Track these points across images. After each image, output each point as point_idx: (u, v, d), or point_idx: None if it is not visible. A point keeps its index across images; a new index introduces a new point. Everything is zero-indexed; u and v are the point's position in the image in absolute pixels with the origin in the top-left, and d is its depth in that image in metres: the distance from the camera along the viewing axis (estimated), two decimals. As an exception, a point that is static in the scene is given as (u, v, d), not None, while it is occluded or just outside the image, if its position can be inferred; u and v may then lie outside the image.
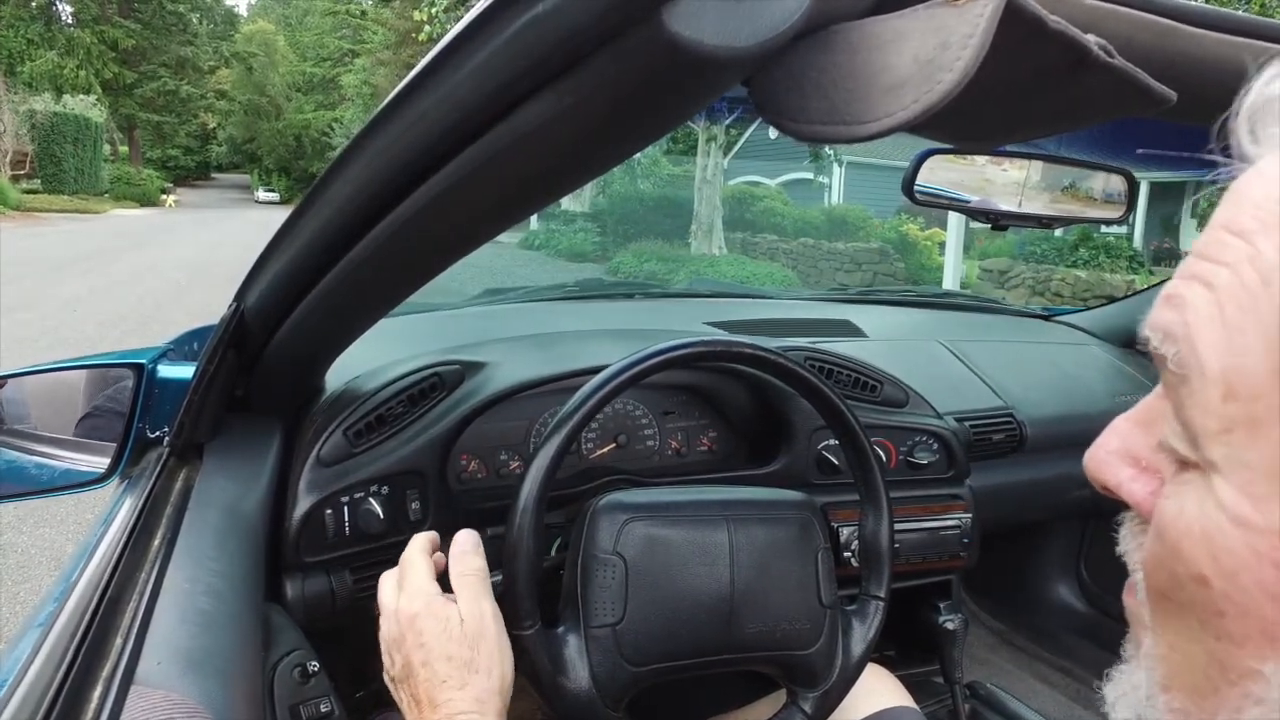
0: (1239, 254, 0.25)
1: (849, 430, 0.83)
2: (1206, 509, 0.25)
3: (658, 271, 11.63)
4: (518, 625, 0.69)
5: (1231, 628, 0.25)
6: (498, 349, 1.02)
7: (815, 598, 0.78)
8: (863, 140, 0.42)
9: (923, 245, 12.80)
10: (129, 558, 0.61)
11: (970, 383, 1.35)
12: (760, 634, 0.75)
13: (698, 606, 0.74)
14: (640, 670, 0.72)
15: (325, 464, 0.84)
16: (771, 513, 0.80)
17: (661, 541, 0.74)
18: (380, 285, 0.63)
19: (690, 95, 0.38)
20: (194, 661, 0.52)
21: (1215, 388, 0.25)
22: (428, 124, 0.44)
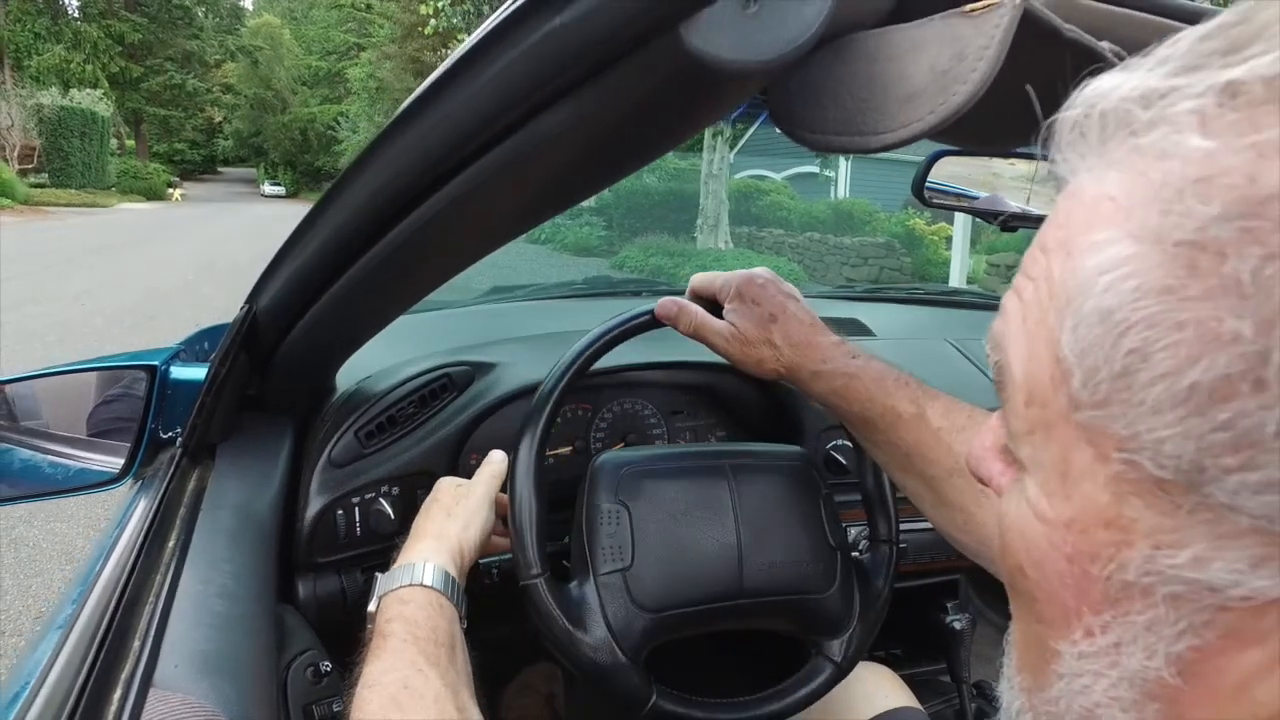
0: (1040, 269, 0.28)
1: None
2: (1021, 505, 0.28)
3: (664, 266, 11.62)
4: (525, 575, 0.70)
5: (1043, 612, 0.28)
6: (507, 349, 1.03)
7: (823, 540, 0.78)
8: (878, 151, 0.42)
9: (929, 240, 12.76)
10: (145, 560, 0.62)
11: (978, 381, 1.35)
12: (771, 576, 0.75)
13: (705, 550, 0.74)
14: (655, 615, 0.72)
15: (337, 465, 0.85)
16: (770, 461, 0.81)
17: (663, 490, 0.75)
18: (395, 288, 0.64)
19: (708, 106, 0.39)
20: (210, 664, 0.52)
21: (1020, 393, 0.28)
22: (446, 130, 0.44)
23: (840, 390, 0.71)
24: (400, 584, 0.64)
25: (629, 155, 0.44)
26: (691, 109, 0.39)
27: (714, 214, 12.86)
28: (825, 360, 0.72)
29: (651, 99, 0.37)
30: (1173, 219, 0.23)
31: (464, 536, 0.71)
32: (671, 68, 0.34)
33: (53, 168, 23.79)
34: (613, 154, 0.43)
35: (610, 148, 0.42)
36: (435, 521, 0.72)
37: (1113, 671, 0.26)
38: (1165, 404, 0.23)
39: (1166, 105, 0.25)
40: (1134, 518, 0.25)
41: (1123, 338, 0.24)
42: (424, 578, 0.64)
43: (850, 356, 0.72)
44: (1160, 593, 0.25)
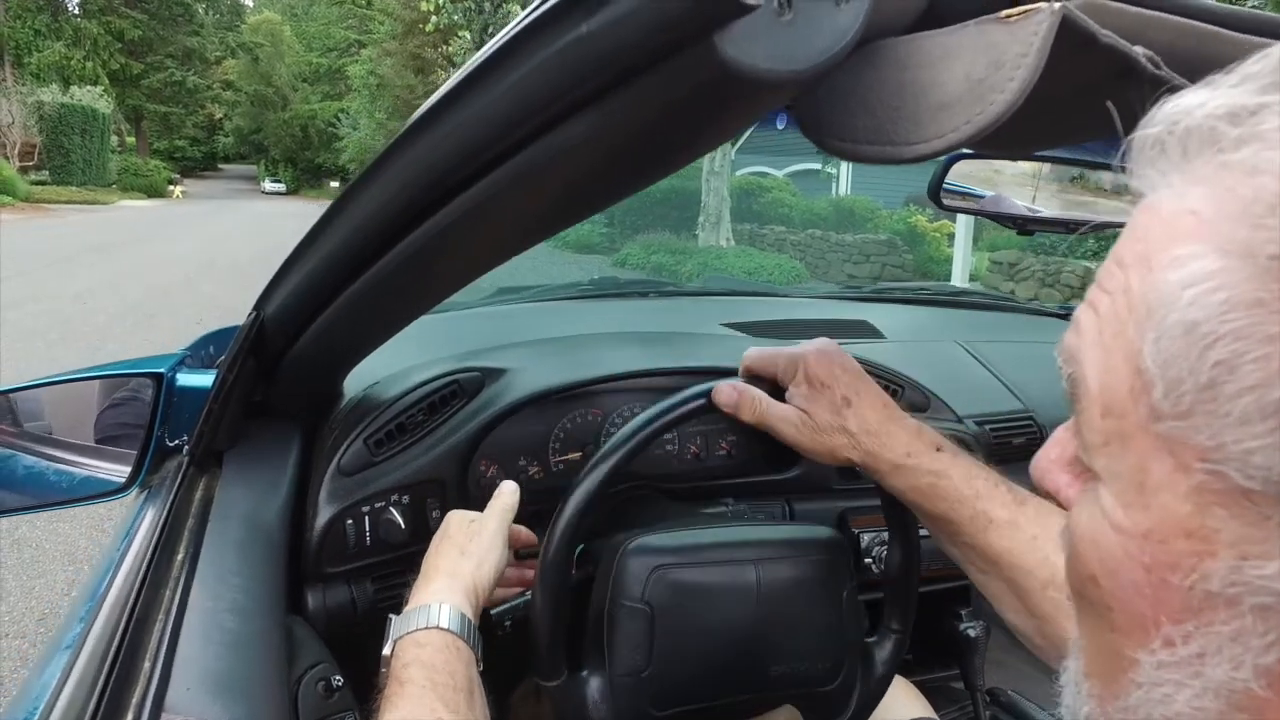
0: (1117, 282, 0.28)
1: None
2: (1095, 515, 0.29)
3: (665, 263, 11.61)
4: (545, 676, 0.69)
5: (1118, 621, 0.29)
6: (517, 354, 1.01)
7: (840, 638, 0.77)
8: (912, 162, 0.41)
9: (931, 237, 12.74)
10: (153, 575, 0.61)
11: (989, 385, 1.34)
12: (784, 675, 0.75)
13: (723, 650, 0.73)
14: (664, 714, 0.72)
15: (346, 473, 0.84)
16: (800, 552, 0.78)
17: (689, 588, 0.73)
18: (407, 296, 0.63)
19: (736, 115, 0.37)
20: (223, 684, 0.51)
21: (1096, 405, 0.28)
22: (463, 138, 0.43)
23: (925, 489, 0.66)
24: (416, 627, 0.63)
25: (649, 167, 0.42)
26: (717, 119, 0.38)
27: (715, 211, 12.84)
28: (909, 454, 0.67)
29: (676, 109, 0.36)
30: (1264, 234, 0.23)
31: (478, 575, 0.70)
32: (701, 77, 0.33)
33: (53, 165, 23.78)
34: (633, 165, 0.42)
35: (631, 159, 0.41)
36: (448, 559, 0.70)
37: (1196, 682, 0.26)
38: (1254, 415, 0.23)
39: (1257, 122, 0.25)
40: (1217, 528, 0.25)
41: (1209, 350, 0.24)
42: (440, 620, 0.63)
43: (934, 449, 0.67)
44: (1247, 603, 0.25)
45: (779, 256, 12.33)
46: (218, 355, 1.06)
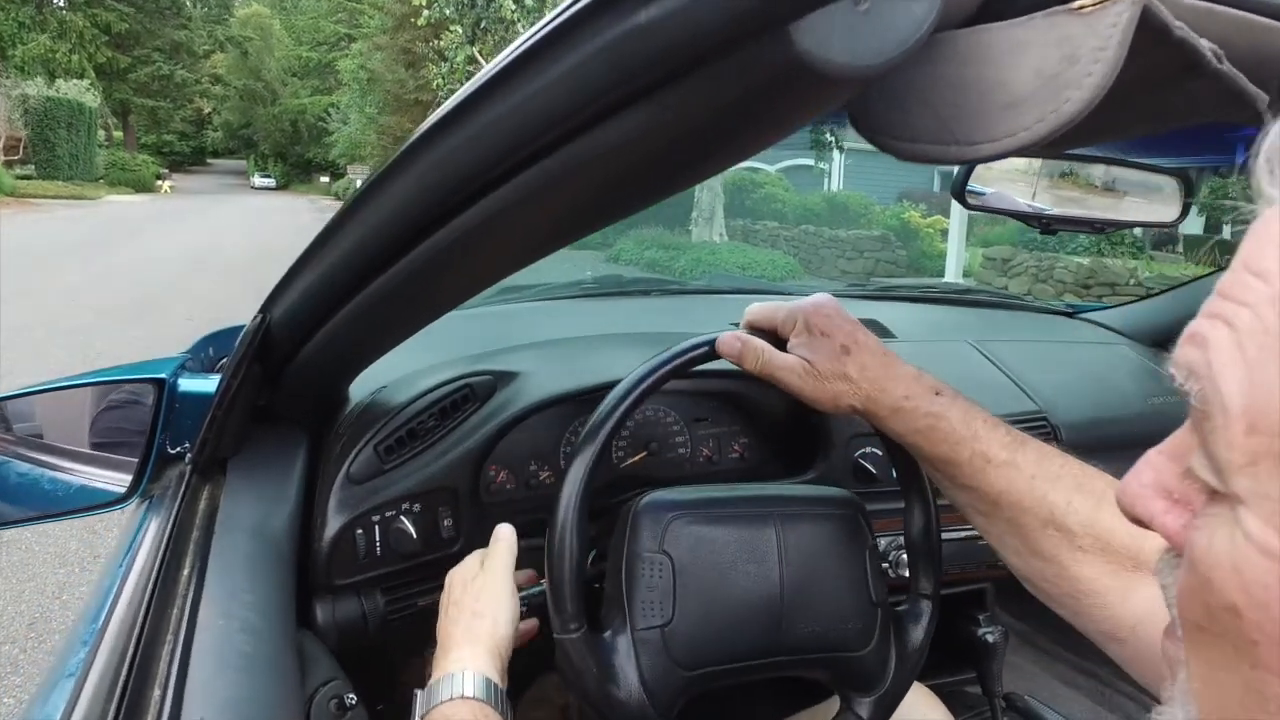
0: (1260, 295, 0.26)
1: None
2: (1235, 540, 0.26)
3: (659, 259, 11.58)
4: (563, 629, 0.66)
5: (1265, 656, 0.26)
6: (529, 357, 0.99)
7: (866, 597, 0.75)
8: (980, 162, 0.39)
9: (925, 232, 12.75)
10: (160, 593, 0.58)
11: (1002, 385, 1.32)
12: (812, 634, 0.73)
13: (747, 606, 0.71)
14: (691, 674, 0.69)
15: (355, 481, 0.81)
16: (818, 509, 0.77)
17: (708, 539, 0.72)
18: (424, 300, 0.60)
19: (797, 112, 0.35)
20: (239, 713, 0.49)
21: (1238, 423, 0.25)
22: (495, 137, 0.40)
23: (924, 430, 0.66)
24: (442, 699, 0.61)
25: (701, 163, 0.40)
26: (777, 117, 0.36)
27: (709, 207, 12.83)
28: (907, 396, 0.67)
29: (739, 104, 0.34)
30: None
31: (496, 634, 0.68)
32: (769, 71, 0.31)
33: (39, 159, 23.53)
34: (673, 167, 0.39)
35: (673, 160, 0.39)
36: (462, 625, 0.68)
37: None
38: None
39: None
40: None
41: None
42: (466, 688, 0.61)
43: (934, 393, 0.67)
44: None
45: (773, 252, 12.32)
46: (218, 357, 1.03)
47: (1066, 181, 0.96)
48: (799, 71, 0.29)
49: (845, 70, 0.30)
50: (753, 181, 15.22)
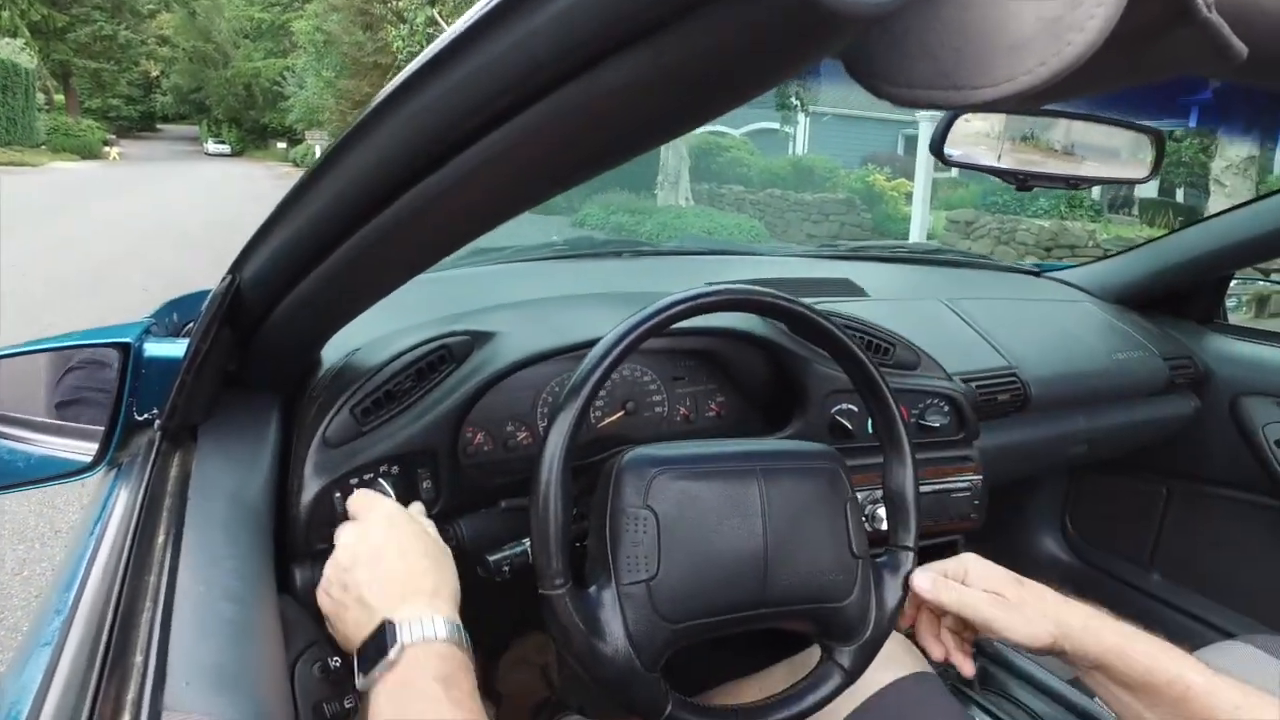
0: None
1: (869, 379, 0.81)
2: None
3: (625, 224, 11.50)
4: (548, 585, 0.66)
5: None
6: (503, 317, 0.97)
7: (847, 548, 0.76)
8: (978, 107, 0.38)
9: (889, 196, 12.82)
10: (135, 560, 0.57)
11: (974, 342, 1.34)
12: (794, 586, 0.74)
13: (732, 559, 0.72)
14: (677, 627, 0.70)
15: (332, 445, 0.79)
16: (800, 463, 0.78)
17: (692, 494, 0.72)
18: (402, 258, 0.58)
19: (800, 54, 0.34)
20: (225, 678, 0.48)
21: None
22: (481, 84, 0.38)
23: (1116, 648, 0.69)
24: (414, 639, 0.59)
25: (691, 112, 0.39)
26: (777, 60, 0.34)
27: (674, 171, 12.74)
28: (1091, 614, 0.72)
29: (739, 49, 0.33)
30: None
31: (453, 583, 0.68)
32: (773, 11, 0.30)
33: (-28, 123, 22.57)
34: (675, 110, 0.38)
35: (674, 102, 0.37)
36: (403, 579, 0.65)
37: None
38: None
39: None
40: None
41: None
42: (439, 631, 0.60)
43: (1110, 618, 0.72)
44: None
45: (738, 216, 12.31)
46: (184, 323, 1.00)
47: (1028, 145, 0.98)
48: (807, 10, 0.28)
49: (857, 10, 0.29)
50: (718, 145, 15.14)
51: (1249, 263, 1.54)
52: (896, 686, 0.86)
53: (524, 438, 0.99)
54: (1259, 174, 8.54)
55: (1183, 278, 1.58)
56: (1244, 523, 1.55)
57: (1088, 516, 1.82)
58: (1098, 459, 1.60)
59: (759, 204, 13.19)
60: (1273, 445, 1.47)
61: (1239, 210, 1.48)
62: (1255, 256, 1.51)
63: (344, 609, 0.65)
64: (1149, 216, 12.11)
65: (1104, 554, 1.78)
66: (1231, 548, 1.57)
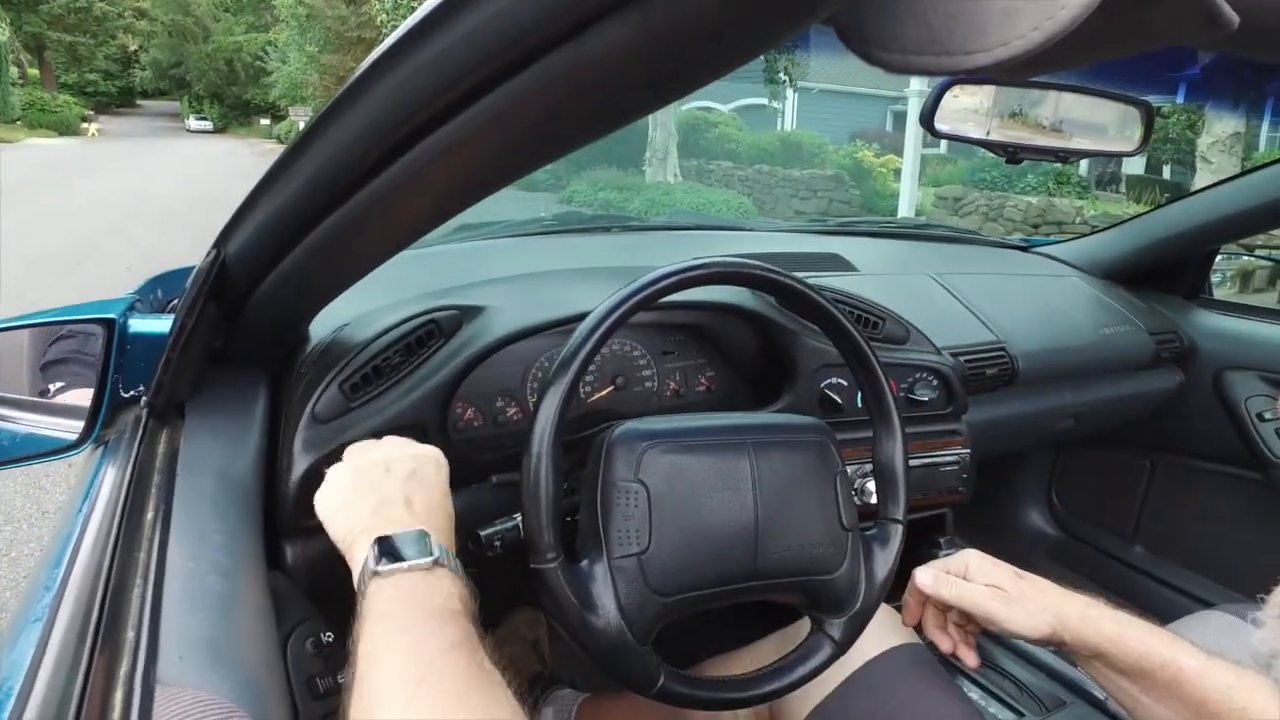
0: None
1: (859, 353, 0.82)
2: None
3: (613, 200, 11.44)
4: (539, 559, 0.67)
5: None
6: (493, 292, 0.97)
7: (837, 521, 0.77)
8: (970, 73, 0.38)
9: (877, 172, 12.80)
10: (124, 537, 0.56)
11: (963, 317, 1.34)
12: (784, 559, 0.74)
13: (723, 532, 0.72)
14: (668, 600, 0.70)
15: (321, 421, 0.79)
16: (790, 436, 0.79)
17: (683, 468, 0.72)
18: (386, 233, 0.58)
19: (794, 16, 0.34)
20: (217, 653, 0.48)
21: None
22: (465, 53, 0.38)
23: (1113, 636, 0.71)
24: (412, 561, 0.57)
25: (678, 80, 0.38)
26: (770, 24, 0.34)
27: (662, 147, 12.66)
28: (1089, 604, 0.74)
29: (727, 12, 0.32)
30: None
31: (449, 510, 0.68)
32: None
33: (-57, 97, 22.12)
34: (663, 77, 0.38)
35: (661, 69, 0.37)
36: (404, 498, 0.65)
37: None
38: None
39: None
40: None
41: None
42: (437, 553, 0.59)
43: (1107, 607, 0.74)
44: None
45: (727, 193, 12.25)
46: (168, 299, 0.99)
47: (1016, 121, 0.97)
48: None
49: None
50: (706, 121, 15.04)
51: (1233, 238, 1.55)
52: (886, 657, 0.88)
53: (514, 413, 0.99)
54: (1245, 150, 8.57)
55: (1168, 253, 1.59)
56: (1225, 496, 1.57)
57: (1074, 490, 1.84)
58: (1084, 433, 1.61)
59: (747, 180, 13.14)
60: (1254, 419, 1.49)
61: (1224, 186, 1.48)
62: (1240, 232, 1.52)
63: (374, 497, 0.64)
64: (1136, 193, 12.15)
65: (1089, 527, 1.80)
66: (1212, 520, 1.60)
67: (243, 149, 25.72)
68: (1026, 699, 0.96)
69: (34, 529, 2.63)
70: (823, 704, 0.85)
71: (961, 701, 0.84)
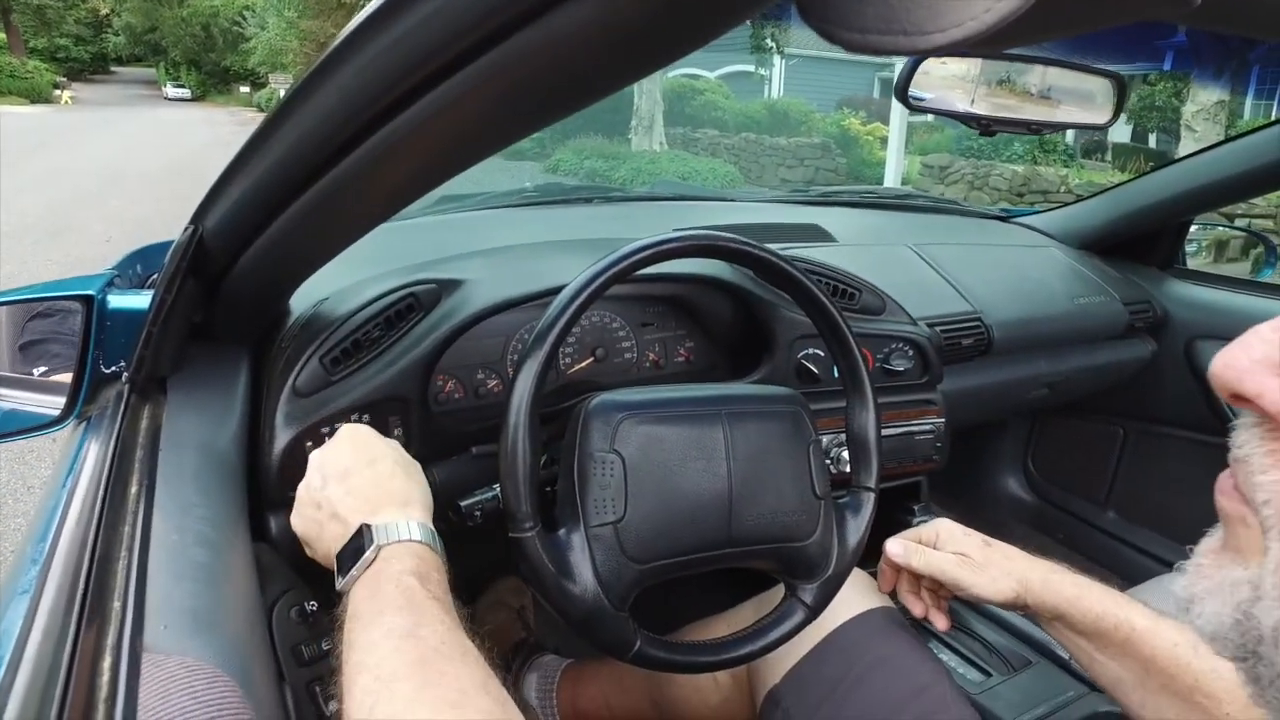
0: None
1: (832, 324, 0.83)
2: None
3: (599, 169, 11.36)
4: (517, 528, 0.68)
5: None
6: (471, 265, 0.97)
7: (809, 489, 0.79)
8: (926, 53, 0.39)
9: (864, 140, 12.75)
10: (109, 511, 0.57)
11: (940, 287, 1.36)
12: (758, 526, 0.76)
13: (697, 501, 0.74)
14: (644, 567, 0.72)
15: (302, 394, 0.80)
16: (764, 407, 0.80)
17: (658, 438, 0.74)
18: (364, 205, 0.58)
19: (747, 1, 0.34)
20: (201, 621, 0.49)
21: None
22: (444, 23, 0.38)
23: (1072, 599, 0.76)
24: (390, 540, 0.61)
25: (645, 57, 0.39)
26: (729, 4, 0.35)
27: (648, 114, 12.54)
28: (1051, 568, 0.79)
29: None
30: None
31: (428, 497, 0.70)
32: None
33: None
34: (629, 54, 0.38)
35: (628, 46, 0.37)
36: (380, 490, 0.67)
37: None
38: None
39: None
40: None
41: None
42: (413, 533, 0.62)
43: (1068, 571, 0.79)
44: None
45: (713, 161, 12.18)
46: (147, 275, 0.99)
47: (1004, 89, 0.98)
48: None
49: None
50: (692, 88, 14.90)
51: (1207, 208, 1.57)
52: (859, 620, 0.90)
53: (494, 385, 1.00)
54: (1229, 119, 8.59)
55: (1144, 224, 1.61)
56: (1194, 462, 1.61)
57: (1049, 457, 1.88)
58: (1059, 402, 1.64)
59: (734, 148, 13.06)
60: (1224, 386, 1.52)
61: (1199, 156, 1.50)
62: (1213, 202, 1.54)
63: (319, 526, 0.67)
64: (1121, 161, 12.17)
65: (1063, 493, 1.84)
66: (1181, 486, 1.63)
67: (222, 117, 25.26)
68: (995, 659, 0.99)
69: (20, 503, 2.63)
70: (798, 665, 0.88)
71: (932, 662, 0.87)
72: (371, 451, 0.70)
